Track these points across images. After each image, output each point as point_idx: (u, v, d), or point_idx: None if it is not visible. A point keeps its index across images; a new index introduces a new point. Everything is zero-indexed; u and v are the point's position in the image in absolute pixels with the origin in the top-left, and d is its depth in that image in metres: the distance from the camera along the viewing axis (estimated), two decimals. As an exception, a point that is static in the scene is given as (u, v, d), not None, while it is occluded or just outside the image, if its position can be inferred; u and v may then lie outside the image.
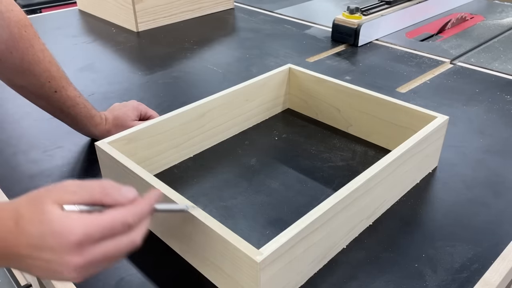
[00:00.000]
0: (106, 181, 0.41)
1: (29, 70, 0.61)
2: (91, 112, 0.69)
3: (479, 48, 1.12)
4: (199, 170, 0.67)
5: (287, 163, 0.69)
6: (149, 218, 0.43)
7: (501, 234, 0.56)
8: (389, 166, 0.55)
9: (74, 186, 0.40)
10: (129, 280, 0.50)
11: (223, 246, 0.45)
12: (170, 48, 1.13)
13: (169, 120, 0.65)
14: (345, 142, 0.74)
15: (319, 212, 0.47)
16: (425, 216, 0.59)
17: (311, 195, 0.62)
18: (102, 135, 0.70)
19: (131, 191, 0.41)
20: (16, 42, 0.59)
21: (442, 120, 0.63)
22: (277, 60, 1.04)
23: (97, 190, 0.40)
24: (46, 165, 0.69)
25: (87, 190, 0.40)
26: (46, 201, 0.38)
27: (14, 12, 0.59)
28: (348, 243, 0.54)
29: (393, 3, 1.21)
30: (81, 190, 0.39)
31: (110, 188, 0.41)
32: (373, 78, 0.96)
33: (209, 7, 1.37)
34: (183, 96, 0.89)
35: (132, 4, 1.20)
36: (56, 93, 0.65)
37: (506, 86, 0.92)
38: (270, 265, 0.43)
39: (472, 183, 0.65)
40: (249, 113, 0.77)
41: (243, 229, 0.56)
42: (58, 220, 0.37)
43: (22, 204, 0.38)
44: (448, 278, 0.50)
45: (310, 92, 0.78)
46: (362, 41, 1.13)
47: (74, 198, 0.39)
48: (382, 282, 0.49)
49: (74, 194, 0.39)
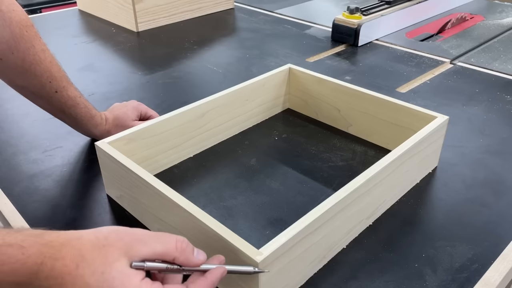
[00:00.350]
0: (181, 238, 0.39)
1: (30, 70, 0.61)
2: (92, 112, 0.69)
3: (479, 48, 1.12)
4: (199, 170, 0.67)
5: (287, 163, 0.69)
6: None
7: (501, 234, 0.56)
8: (389, 166, 0.55)
9: (147, 236, 0.38)
10: (129, 280, 0.50)
11: (223, 246, 0.45)
12: (170, 48, 1.13)
13: (169, 120, 0.65)
14: (345, 142, 0.74)
15: (319, 212, 0.47)
16: (425, 216, 0.59)
17: (311, 195, 0.62)
18: (102, 135, 0.70)
19: (203, 255, 0.40)
20: (17, 42, 0.59)
21: (442, 120, 0.63)
22: (277, 60, 1.04)
23: (172, 245, 0.38)
24: (46, 165, 0.69)
25: (161, 242, 0.38)
26: (113, 252, 0.36)
27: (16, 12, 0.59)
28: (348, 243, 0.54)
29: (393, 3, 1.21)
30: (153, 241, 0.38)
31: (187, 246, 0.39)
32: (373, 78, 0.96)
33: (209, 7, 1.37)
34: (183, 96, 0.89)
35: (132, 4, 1.20)
36: (57, 93, 0.65)
37: (506, 86, 0.92)
38: (270, 265, 0.43)
39: (472, 183, 0.65)
40: (249, 113, 0.77)
41: (243, 229, 0.56)
42: (120, 279, 0.35)
43: (87, 247, 0.36)
44: (448, 278, 0.50)
45: (310, 92, 0.78)
46: (362, 41, 1.13)
47: (144, 250, 0.37)
48: (382, 282, 0.49)
49: (145, 244, 0.37)
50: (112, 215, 0.59)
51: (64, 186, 0.64)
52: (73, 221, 0.58)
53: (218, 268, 0.41)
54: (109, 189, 0.62)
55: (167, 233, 0.39)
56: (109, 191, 0.62)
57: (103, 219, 0.59)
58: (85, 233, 0.38)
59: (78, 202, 0.61)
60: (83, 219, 0.58)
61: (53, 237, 0.37)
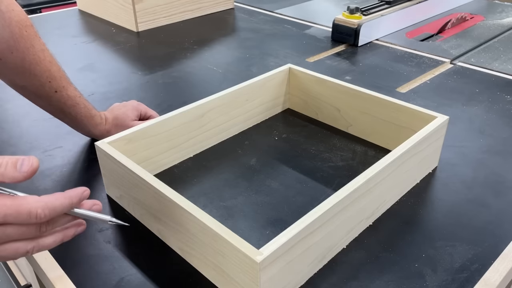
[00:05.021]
0: (2, 159, 0.39)
1: (30, 70, 0.61)
2: (91, 112, 0.69)
3: (479, 48, 1.12)
4: (199, 170, 0.67)
5: (287, 163, 0.69)
6: (71, 220, 0.44)
7: (501, 234, 0.56)
8: (389, 166, 0.55)
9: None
10: (129, 280, 0.50)
11: (223, 246, 0.45)
12: (170, 48, 1.13)
13: (169, 120, 0.65)
14: (345, 142, 0.74)
15: (319, 212, 0.47)
16: (425, 216, 0.59)
17: (311, 195, 0.62)
18: (102, 135, 0.70)
19: (27, 166, 0.40)
20: (17, 42, 0.59)
21: (442, 120, 0.63)
22: (277, 60, 1.04)
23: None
24: (46, 165, 0.69)
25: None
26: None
27: (15, 12, 0.59)
28: (348, 243, 0.54)
29: (393, 3, 1.21)
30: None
31: (5, 166, 0.39)
32: (373, 78, 0.96)
33: (209, 7, 1.37)
34: (183, 96, 0.89)
35: (132, 4, 1.20)
36: (57, 93, 0.65)
37: (506, 86, 0.92)
38: (270, 265, 0.43)
39: (472, 183, 0.65)
40: (249, 113, 0.77)
41: (243, 229, 0.56)
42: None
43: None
44: (448, 278, 0.50)
45: (310, 92, 0.78)
46: (362, 41, 1.13)
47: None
48: (382, 282, 0.49)
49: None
50: (112, 215, 0.59)
51: (64, 186, 0.64)
52: (73, 221, 0.58)
53: (76, 191, 0.43)
54: (109, 189, 0.62)
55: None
56: (109, 191, 0.62)
57: (103, 219, 0.59)
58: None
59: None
60: (83, 219, 0.58)
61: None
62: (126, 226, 0.48)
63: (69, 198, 0.42)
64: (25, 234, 0.40)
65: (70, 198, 0.42)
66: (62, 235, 0.44)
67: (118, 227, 0.57)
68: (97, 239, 0.55)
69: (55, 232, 0.43)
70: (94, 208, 0.46)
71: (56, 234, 0.43)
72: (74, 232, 0.45)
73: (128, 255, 0.53)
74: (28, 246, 0.41)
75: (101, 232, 0.56)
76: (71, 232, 0.45)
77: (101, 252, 0.53)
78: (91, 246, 0.54)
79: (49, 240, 0.43)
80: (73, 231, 0.45)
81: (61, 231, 0.44)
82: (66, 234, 0.44)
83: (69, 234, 0.45)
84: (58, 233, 0.44)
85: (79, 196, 0.43)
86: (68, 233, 0.45)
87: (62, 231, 0.44)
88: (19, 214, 0.39)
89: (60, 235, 0.44)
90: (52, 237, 0.43)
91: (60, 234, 0.44)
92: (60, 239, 0.44)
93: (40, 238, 0.42)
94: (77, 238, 0.55)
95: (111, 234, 0.56)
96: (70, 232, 0.45)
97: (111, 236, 0.56)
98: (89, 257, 0.53)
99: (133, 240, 0.55)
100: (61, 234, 0.44)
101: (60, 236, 0.44)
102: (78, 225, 0.46)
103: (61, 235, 0.44)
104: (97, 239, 0.55)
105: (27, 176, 0.40)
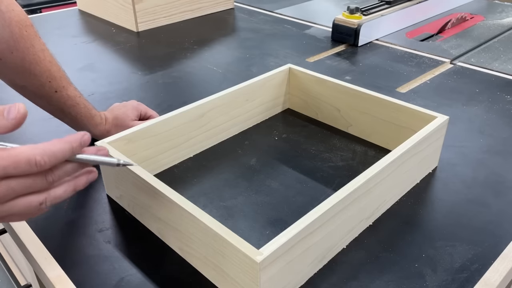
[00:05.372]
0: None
1: (30, 70, 0.61)
2: (91, 112, 0.69)
3: (479, 48, 1.12)
4: (199, 170, 0.67)
5: (287, 163, 0.69)
6: (78, 168, 0.42)
7: (501, 234, 0.56)
8: (389, 166, 0.55)
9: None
10: (129, 280, 0.50)
11: (223, 246, 0.45)
12: (170, 48, 1.13)
13: (169, 120, 0.65)
14: (345, 142, 0.74)
15: (319, 212, 0.47)
16: (425, 216, 0.59)
17: (311, 195, 0.62)
18: (102, 135, 0.70)
19: (14, 112, 0.39)
20: (17, 42, 0.59)
21: (442, 120, 0.63)
22: (277, 60, 1.04)
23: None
24: (46, 165, 0.69)
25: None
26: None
27: (15, 12, 0.59)
28: (348, 243, 0.54)
29: (393, 3, 1.21)
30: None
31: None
32: (373, 78, 0.96)
33: (209, 7, 1.37)
34: (183, 96, 0.89)
35: (132, 4, 1.20)
36: (57, 93, 0.65)
37: (506, 86, 0.92)
38: (270, 265, 0.43)
39: (472, 183, 0.65)
40: (249, 113, 0.77)
41: (243, 229, 0.56)
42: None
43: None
44: (448, 278, 0.50)
45: (310, 92, 0.78)
46: (362, 41, 1.13)
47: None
48: (382, 282, 0.49)
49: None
50: (112, 215, 0.59)
51: (64, 186, 0.64)
52: (73, 221, 0.58)
53: (75, 135, 0.41)
54: (109, 189, 0.62)
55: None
56: (109, 191, 0.62)
57: (103, 219, 0.59)
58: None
59: (78, 202, 0.61)
60: (83, 219, 0.58)
61: None
62: (133, 165, 0.47)
63: (68, 143, 0.40)
64: (32, 186, 0.39)
65: (69, 143, 0.40)
66: (74, 184, 0.43)
67: (118, 227, 0.57)
68: (97, 239, 0.55)
69: (65, 182, 0.42)
70: (100, 153, 0.44)
71: (67, 184, 0.42)
72: (86, 180, 0.44)
73: (128, 255, 0.53)
74: (40, 198, 0.40)
75: (101, 232, 0.56)
76: (82, 180, 0.43)
77: (101, 252, 0.53)
78: (91, 246, 0.54)
79: (60, 190, 0.41)
80: (84, 179, 0.43)
81: (71, 180, 0.42)
82: (77, 183, 0.43)
83: (80, 183, 0.43)
84: (69, 182, 0.42)
85: (78, 141, 0.41)
86: (79, 181, 0.43)
87: (73, 180, 0.43)
88: (18, 164, 0.37)
89: (71, 184, 0.42)
90: (63, 187, 0.42)
91: (71, 183, 0.42)
92: (72, 189, 0.42)
93: (51, 189, 0.41)
94: (77, 238, 0.55)
95: (111, 234, 0.56)
96: (82, 181, 0.43)
97: (111, 236, 0.56)
98: (89, 257, 0.53)
99: (133, 240, 0.55)
100: (72, 183, 0.42)
101: (72, 185, 0.42)
102: (89, 173, 0.44)
103: (72, 184, 0.42)
104: (97, 239, 0.55)
105: (15, 123, 0.39)
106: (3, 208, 0.38)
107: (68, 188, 0.42)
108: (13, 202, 0.39)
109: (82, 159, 0.42)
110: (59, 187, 0.41)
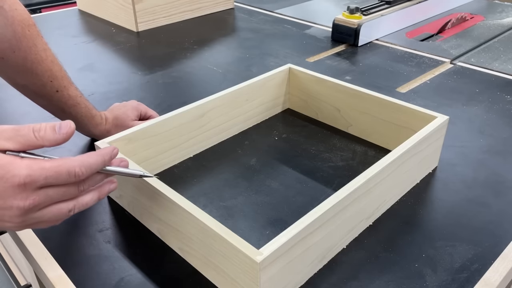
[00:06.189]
0: (37, 126, 0.41)
1: (32, 69, 0.61)
2: (92, 112, 0.69)
3: (479, 48, 1.12)
4: (199, 170, 0.67)
5: (287, 163, 0.69)
6: (104, 178, 0.45)
7: (501, 234, 0.56)
8: (389, 166, 0.55)
9: (9, 132, 0.39)
10: (129, 280, 0.50)
11: (223, 246, 0.45)
12: (170, 48, 1.13)
13: (169, 120, 0.65)
14: (345, 142, 0.74)
15: (319, 212, 0.47)
16: (425, 216, 0.59)
17: (311, 195, 0.62)
18: (102, 135, 0.70)
19: (66, 128, 0.41)
20: (19, 41, 0.59)
21: (442, 120, 0.63)
22: (277, 60, 1.04)
23: (30, 136, 0.40)
24: (46, 165, 0.68)
25: (21, 135, 0.39)
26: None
27: (18, 11, 0.59)
28: (348, 243, 0.54)
29: (393, 3, 1.21)
30: (16, 135, 0.39)
31: (45, 132, 0.40)
32: (373, 78, 0.96)
33: (209, 7, 1.37)
34: (183, 96, 0.89)
35: (132, 4, 1.20)
36: (58, 93, 0.65)
37: (506, 86, 0.92)
38: (270, 265, 0.43)
39: (472, 183, 0.65)
40: (249, 113, 0.77)
41: (243, 229, 0.56)
42: (0, 164, 0.37)
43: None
44: (448, 278, 0.50)
45: (310, 92, 0.78)
46: (362, 41, 1.13)
47: (7, 144, 0.39)
48: (382, 282, 0.49)
49: (9, 140, 0.39)
50: (112, 215, 0.59)
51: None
52: (73, 221, 0.58)
53: (107, 149, 0.44)
54: (109, 189, 0.62)
55: (25, 126, 0.41)
56: (109, 191, 0.62)
57: (103, 219, 0.59)
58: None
59: (78, 202, 0.61)
60: (83, 219, 0.58)
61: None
62: (152, 177, 0.50)
63: (101, 156, 0.44)
64: (65, 194, 0.41)
65: (102, 156, 0.44)
66: (98, 192, 0.45)
67: (118, 227, 0.57)
68: (97, 239, 0.55)
69: (91, 191, 0.45)
70: (122, 165, 0.47)
71: (93, 192, 0.45)
72: (108, 189, 0.46)
73: (128, 255, 0.53)
74: (69, 205, 0.42)
75: (101, 232, 0.56)
76: (105, 189, 0.46)
77: (101, 252, 0.53)
78: (91, 246, 0.54)
79: (87, 197, 0.44)
80: (107, 188, 0.46)
81: (96, 189, 0.45)
82: (101, 192, 0.46)
83: (104, 192, 0.46)
84: (94, 191, 0.45)
85: (110, 154, 0.45)
86: (103, 190, 0.46)
87: (97, 189, 0.45)
88: (59, 175, 0.40)
89: (96, 192, 0.45)
90: (89, 195, 0.44)
91: (96, 192, 0.45)
92: (97, 197, 0.45)
93: (79, 197, 0.43)
94: (77, 238, 0.55)
95: (111, 234, 0.56)
96: (105, 190, 0.46)
97: (111, 236, 0.56)
98: (89, 257, 0.53)
99: (133, 240, 0.55)
100: (97, 191, 0.45)
101: (96, 193, 0.45)
102: (110, 183, 0.47)
103: (97, 192, 0.45)
104: (97, 239, 0.55)
105: (66, 137, 0.41)
106: (36, 215, 0.40)
107: (94, 196, 0.45)
108: (47, 209, 0.41)
109: (110, 170, 0.46)
110: (86, 195, 0.44)
